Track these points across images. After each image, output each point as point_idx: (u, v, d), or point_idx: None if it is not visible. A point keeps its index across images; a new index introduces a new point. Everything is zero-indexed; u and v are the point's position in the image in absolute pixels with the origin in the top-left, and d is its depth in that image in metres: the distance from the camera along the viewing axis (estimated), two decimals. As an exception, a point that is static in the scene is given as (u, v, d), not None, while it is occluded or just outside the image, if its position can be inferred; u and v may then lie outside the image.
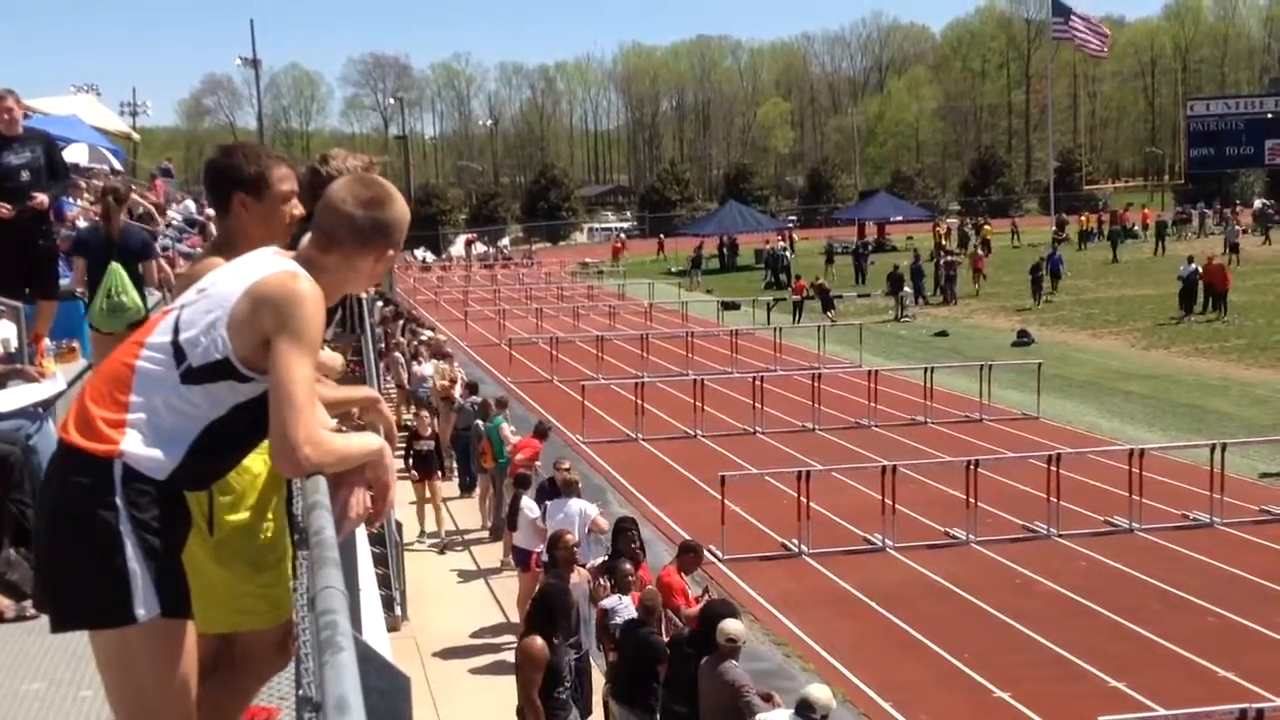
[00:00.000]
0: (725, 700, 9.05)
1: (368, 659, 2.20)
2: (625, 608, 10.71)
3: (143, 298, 7.77)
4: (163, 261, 9.69)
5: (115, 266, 7.63)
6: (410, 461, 17.54)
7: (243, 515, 3.26)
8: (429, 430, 18.21)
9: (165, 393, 2.80)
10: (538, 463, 15.90)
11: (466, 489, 19.92)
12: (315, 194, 3.52)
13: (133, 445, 2.75)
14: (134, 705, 2.86)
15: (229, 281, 2.88)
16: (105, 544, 2.71)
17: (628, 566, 11.39)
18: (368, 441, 2.98)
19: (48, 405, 7.13)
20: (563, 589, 10.05)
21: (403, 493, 16.62)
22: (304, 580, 2.50)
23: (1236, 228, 52.84)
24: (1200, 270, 36.99)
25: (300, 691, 2.62)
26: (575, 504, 13.33)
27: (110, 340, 6.88)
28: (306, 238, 3.04)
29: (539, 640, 9.11)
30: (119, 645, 2.79)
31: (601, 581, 11.40)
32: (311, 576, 2.35)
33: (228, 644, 3.29)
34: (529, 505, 14.01)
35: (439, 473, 18.36)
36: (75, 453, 2.77)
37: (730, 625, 9.40)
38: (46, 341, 8.76)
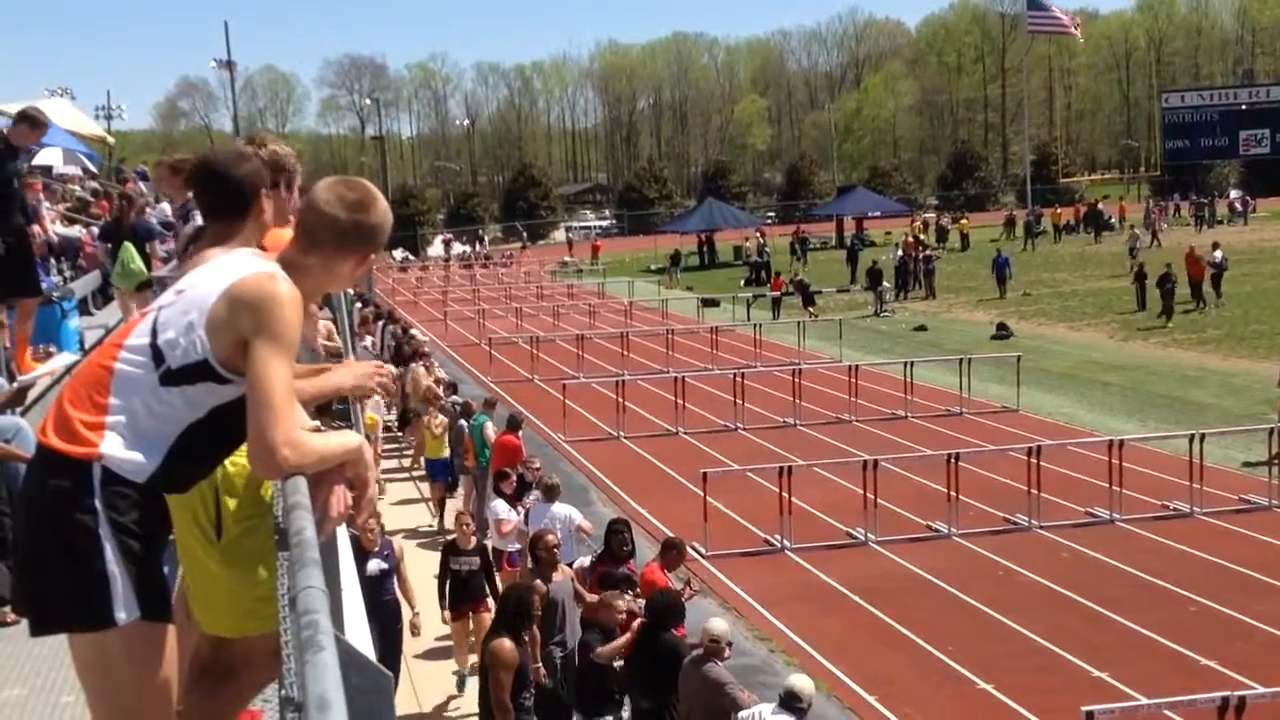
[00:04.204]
0: (708, 698, 9.01)
1: (349, 658, 2.19)
2: None
3: (148, 267, 10.56)
4: (159, 246, 11.76)
5: (126, 244, 10.65)
6: (448, 586, 12.25)
7: (252, 520, 3.23)
8: (472, 543, 12.48)
9: (144, 395, 2.78)
10: (530, 461, 15.81)
11: (449, 489, 19.74)
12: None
13: (112, 448, 2.74)
14: (113, 709, 2.84)
15: (207, 283, 2.86)
16: (84, 547, 2.70)
17: (623, 571, 11.35)
18: (347, 440, 2.97)
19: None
20: (527, 588, 9.83)
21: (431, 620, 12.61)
22: (284, 581, 2.48)
23: (1161, 225, 53.60)
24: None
25: (282, 692, 2.60)
26: (559, 508, 13.31)
27: (127, 296, 10.54)
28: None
29: (509, 642, 8.92)
30: (98, 649, 2.77)
31: (622, 590, 11.14)
32: (292, 577, 2.34)
33: (226, 647, 3.27)
34: (493, 506, 14.05)
35: (486, 600, 12.22)
36: (54, 456, 2.75)
37: (715, 625, 9.35)
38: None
